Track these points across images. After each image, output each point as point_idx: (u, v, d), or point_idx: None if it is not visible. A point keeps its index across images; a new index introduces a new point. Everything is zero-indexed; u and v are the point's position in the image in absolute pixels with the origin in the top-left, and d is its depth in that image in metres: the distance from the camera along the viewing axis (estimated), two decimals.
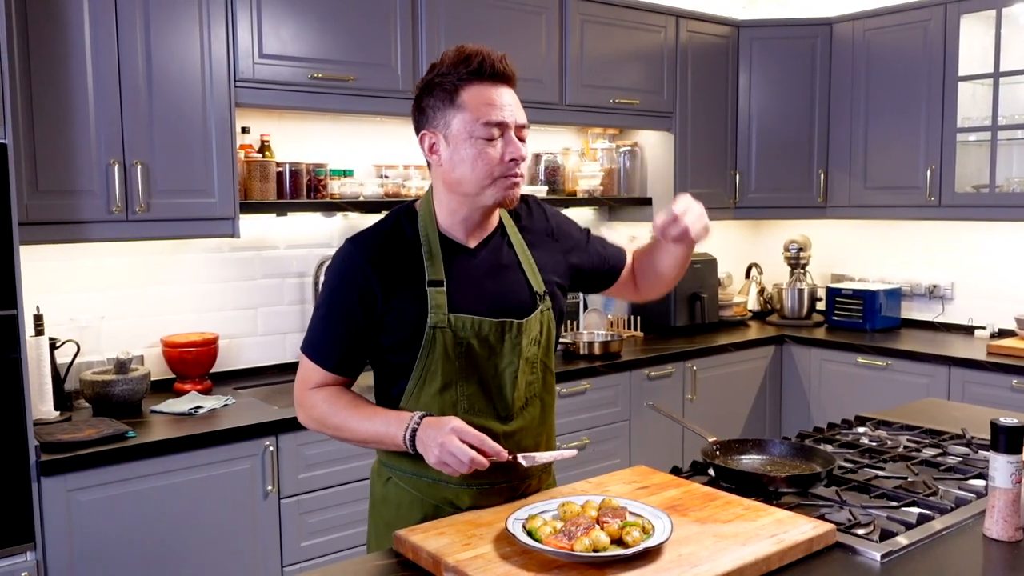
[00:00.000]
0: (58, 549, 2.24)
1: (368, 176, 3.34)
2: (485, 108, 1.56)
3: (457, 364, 1.60)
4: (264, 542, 2.58)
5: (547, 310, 1.70)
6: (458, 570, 1.36)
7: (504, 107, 1.57)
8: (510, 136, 1.58)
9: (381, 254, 1.60)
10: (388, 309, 1.59)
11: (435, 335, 1.58)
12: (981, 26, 3.73)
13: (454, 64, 1.57)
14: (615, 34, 3.70)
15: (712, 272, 4.23)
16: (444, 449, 1.47)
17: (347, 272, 1.60)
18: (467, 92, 1.57)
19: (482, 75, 1.56)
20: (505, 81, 1.59)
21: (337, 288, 1.61)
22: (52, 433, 2.34)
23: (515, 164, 1.59)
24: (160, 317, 2.98)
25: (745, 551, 1.40)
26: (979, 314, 4.04)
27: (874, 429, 2.30)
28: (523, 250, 1.71)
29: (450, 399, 1.61)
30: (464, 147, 1.57)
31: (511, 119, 1.58)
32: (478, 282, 1.64)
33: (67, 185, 2.45)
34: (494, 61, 1.57)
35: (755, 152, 4.22)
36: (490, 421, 1.63)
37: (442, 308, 1.59)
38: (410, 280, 1.60)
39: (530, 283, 1.69)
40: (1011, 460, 1.51)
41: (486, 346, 1.61)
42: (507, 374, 1.63)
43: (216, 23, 2.67)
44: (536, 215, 1.79)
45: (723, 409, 3.92)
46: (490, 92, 1.57)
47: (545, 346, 1.71)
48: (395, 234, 1.64)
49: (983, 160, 3.75)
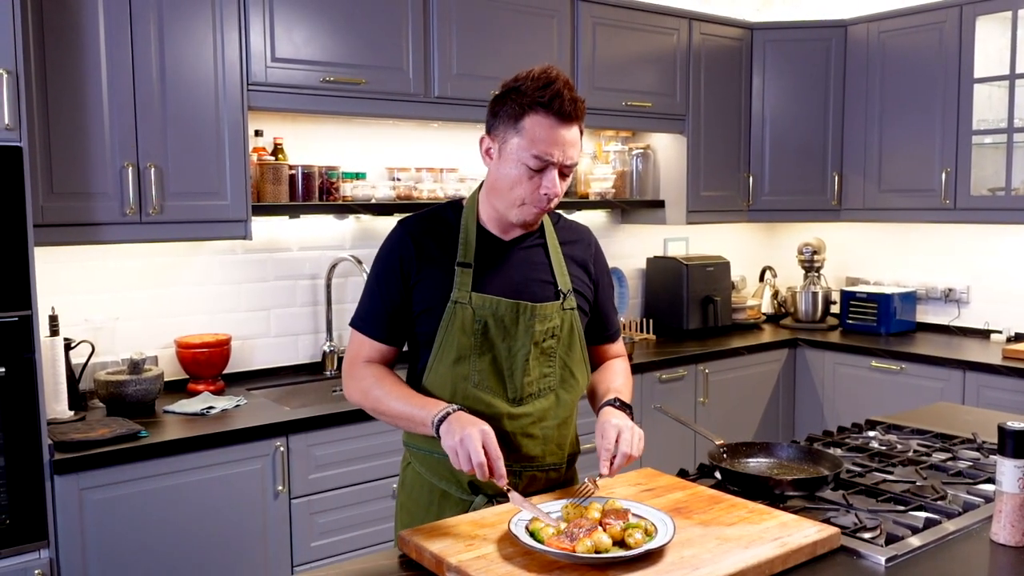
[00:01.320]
0: (71, 547, 2.26)
1: (380, 179, 3.36)
2: (540, 142, 1.62)
3: (472, 340, 1.69)
4: (274, 542, 2.59)
5: (571, 309, 1.77)
6: (460, 570, 1.37)
7: (557, 146, 1.62)
8: (552, 174, 1.65)
9: (422, 232, 1.74)
10: (420, 279, 1.71)
11: (455, 309, 1.68)
12: (997, 27, 3.70)
13: (534, 86, 1.63)
14: (627, 37, 3.70)
15: (725, 275, 4.22)
16: (464, 441, 1.53)
17: (391, 245, 1.75)
18: (532, 119, 1.62)
19: (550, 109, 1.61)
20: (573, 120, 1.64)
21: (381, 260, 1.75)
22: (66, 432, 2.37)
23: (547, 199, 1.66)
24: (174, 318, 3.01)
25: (748, 554, 1.40)
26: (996, 318, 4.00)
27: (884, 433, 2.28)
28: (557, 254, 1.79)
29: (463, 372, 1.70)
30: (511, 166, 1.65)
31: (560, 159, 1.64)
32: (506, 270, 1.73)
33: (82, 187, 2.48)
34: (564, 101, 1.61)
35: (769, 155, 4.21)
36: (498, 400, 1.71)
37: (466, 286, 1.69)
38: (443, 258, 1.72)
39: (556, 280, 1.76)
40: (1018, 464, 1.50)
41: (501, 326, 1.70)
42: (519, 357, 1.71)
43: (229, 27, 2.69)
44: (581, 239, 1.87)
45: (736, 413, 3.90)
46: (552, 127, 1.62)
47: (567, 343, 1.77)
48: (439, 219, 1.77)
49: (999, 163, 3.71)
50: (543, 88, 1.61)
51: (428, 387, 1.73)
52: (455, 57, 3.15)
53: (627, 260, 4.25)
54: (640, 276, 4.31)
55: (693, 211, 4.01)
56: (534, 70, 1.65)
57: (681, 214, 4.00)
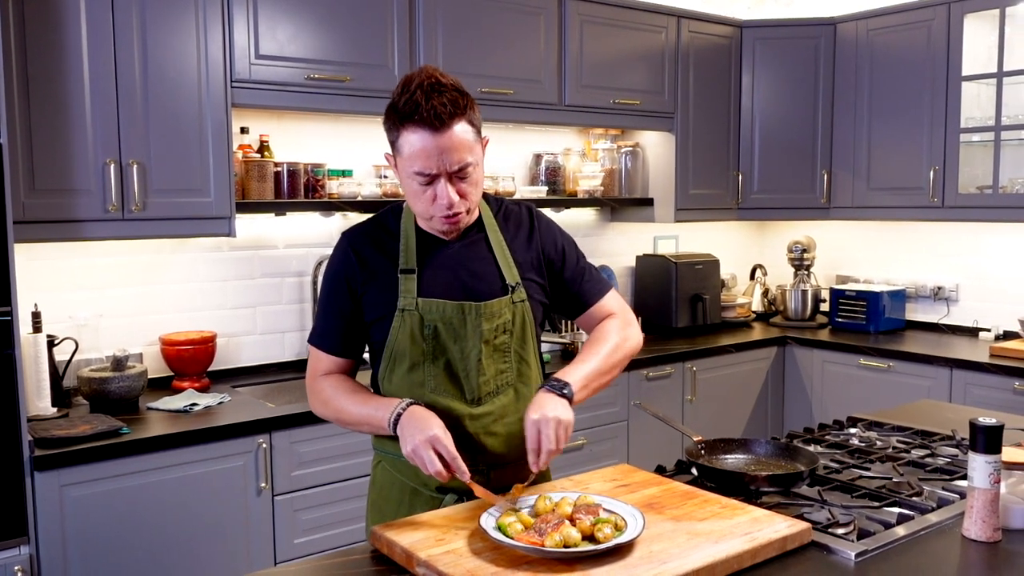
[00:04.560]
0: (51, 543, 2.26)
1: (366, 176, 3.36)
2: (414, 158, 1.56)
3: (424, 346, 1.68)
4: (257, 539, 2.59)
5: (521, 301, 1.73)
6: (429, 564, 1.37)
7: (432, 157, 1.55)
8: (440, 185, 1.58)
9: (364, 241, 1.73)
10: (366, 290, 1.70)
11: (403, 317, 1.68)
12: (985, 26, 3.70)
13: (401, 99, 1.56)
14: (615, 35, 3.69)
15: (715, 273, 4.22)
16: (416, 452, 1.54)
17: (335, 259, 1.75)
18: (404, 136, 1.57)
19: (413, 121, 1.54)
20: (442, 124, 1.53)
21: (330, 274, 1.75)
22: (47, 429, 2.37)
23: (446, 208, 1.60)
24: (159, 315, 3.01)
25: (716, 548, 1.40)
26: (984, 316, 4.01)
27: (865, 430, 2.28)
28: (500, 244, 1.75)
29: (418, 379, 1.69)
30: (406, 183, 1.63)
31: (442, 168, 1.56)
32: (451, 271, 1.71)
33: (63, 184, 2.48)
34: (423, 109, 1.52)
35: (758, 153, 4.21)
36: (456, 403, 1.69)
37: (411, 292, 1.68)
38: (387, 266, 1.70)
39: (502, 274, 1.73)
40: (989, 460, 1.50)
41: (451, 329, 1.68)
42: (472, 357, 1.69)
43: (212, 24, 2.69)
44: (520, 220, 1.80)
45: (723, 410, 3.90)
46: (421, 140, 1.54)
47: (520, 336, 1.74)
48: (380, 226, 1.75)
49: (987, 161, 3.71)
50: (405, 100, 1.54)
51: (387, 395, 1.72)
52: (441, 55, 3.15)
53: (616, 258, 4.25)
54: (629, 274, 4.31)
55: (682, 209, 4.01)
56: (406, 76, 1.59)
57: (670, 212, 4.00)
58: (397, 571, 1.43)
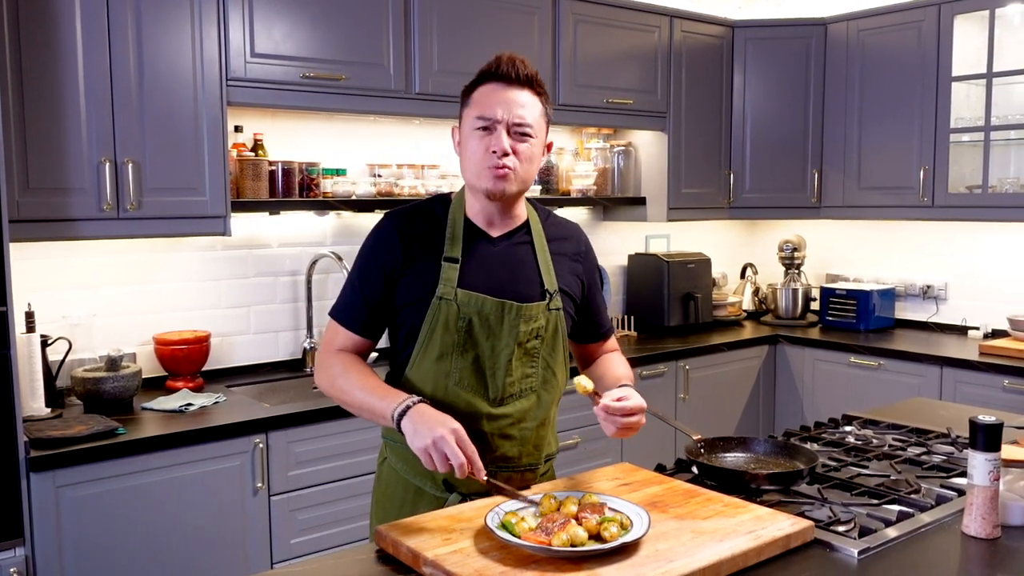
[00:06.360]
0: (47, 545, 2.25)
1: (361, 175, 3.35)
2: (482, 104, 1.66)
3: (456, 337, 1.68)
4: (254, 539, 2.59)
5: (557, 310, 1.75)
6: (436, 564, 1.37)
7: (500, 104, 1.64)
8: (498, 132, 1.65)
9: (409, 225, 1.73)
10: (404, 273, 1.70)
11: (440, 305, 1.67)
12: (975, 27, 3.74)
13: (483, 68, 1.69)
14: (608, 34, 3.70)
15: (706, 272, 4.24)
16: (438, 444, 1.50)
17: (376, 237, 1.74)
18: (479, 90, 1.68)
19: (494, 75, 1.66)
20: (517, 83, 1.66)
21: (366, 252, 1.75)
22: (42, 430, 2.35)
23: (496, 156, 1.64)
24: (153, 315, 2.99)
25: (722, 547, 1.41)
26: (973, 314, 4.04)
27: (860, 428, 2.30)
28: (544, 252, 1.78)
29: (444, 369, 1.69)
30: (466, 140, 1.69)
31: (504, 116, 1.64)
32: (492, 267, 1.71)
33: (58, 183, 2.46)
34: (503, 63, 1.66)
35: (749, 152, 4.23)
36: (478, 400, 1.69)
37: (451, 282, 1.68)
38: (429, 252, 1.70)
39: (543, 280, 1.75)
40: (989, 458, 1.52)
41: (486, 325, 1.68)
42: (502, 356, 1.69)
43: (208, 22, 2.68)
44: (570, 235, 1.86)
45: (716, 409, 3.92)
46: (495, 90, 1.66)
47: (551, 344, 1.76)
48: (427, 212, 1.76)
49: (976, 161, 3.75)
50: (489, 63, 1.68)
51: (410, 382, 1.72)
52: (436, 53, 3.15)
53: (609, 257, 4.26)
54: (621, 273, 4.33)
55: (674, 208, 4.03)
56: None
57: (662, 211, 4.02)
58: (403, 571, 1.43)
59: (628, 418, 1.61)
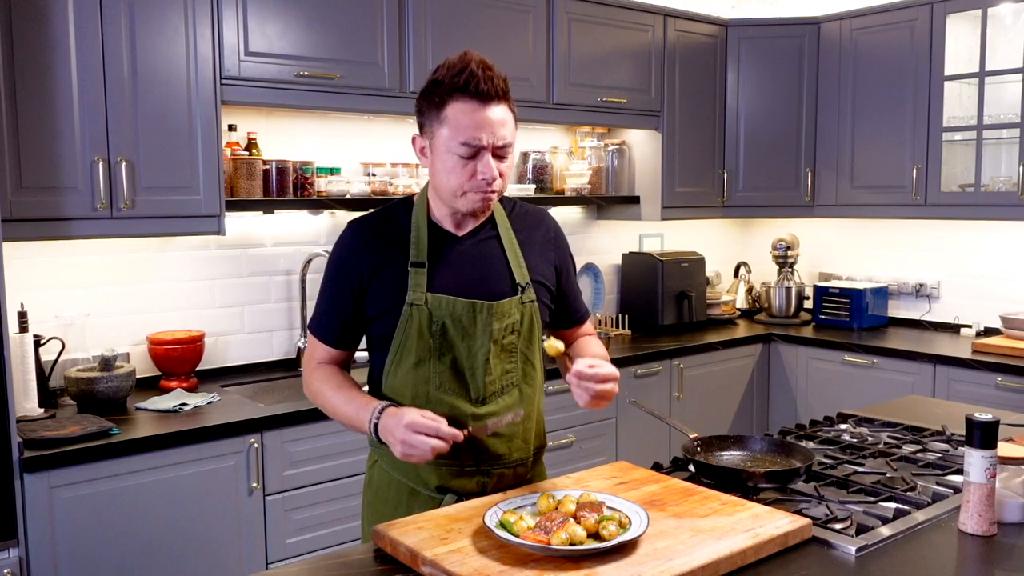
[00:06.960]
0: (41, 546, 2.24)
1: (355, 174, 3.34)
2: (465, 128, 1.59)
3: (431, 342, 1.67)
4: (249, 539, 2.58)
5: (530, 302, 1.74)
6: (435, 564, 1.37)
7: (483, 128, 1.59)
8: (485, 157, 1.61)
9: (371, 234, 1.72)
10: (371, 283, 1.69)
11: (411, 312, 1.66)
12: (967, 26, 3.75)
13: (449, 74, 1.60)
14: (603, 33, 3.70)
15: (700, 271, 4.25)
16: (405, 444, 1.53)
17: (339, 250, 1.73)
18: (452, 107, 1.60)
19: (468, 92, 1.59)
20: (494, 98, 1.60)
21: (332, 264, 1.74)
22: (36, 430, 2.34)
23: (485, 183, 1.62)
24: (146, 315, 2.98)
25: (720, 545, 1.41)
26: (965, 313, 4.06)
27: (855, 426, 2.31)
28: (512, 244, 1.76)
29: (423, 375, 1.68)
30: (444, 158, 1.63)
31: (488, 141, 1.60)
32: (461, 267, 1.70)
33: (51, 182, 2.45)
34: (480, 79, 1.58)
35: (743, 151, 4.23)
36: (461, 401, 1.69)
37: (421, 287, 1.66)
38: (395, 259, 1.69)
39: (513, 274, 1.73)
40: (985, 455, 1.53)
41: (460, 327, 1.67)
42: (479, 356, 1.68)
43: (202, 20, 2.66)
44: (538, 224, 1.83)
45: (710, 407, 3.93)
46: (474, 110, 1.59)
47: (527, 337, 1.74)
48: (389, 219, 1.74)
49: (969, 159, 3.77)
50: (458, 74, 1.58)
51: (388, 391, 1.71)
52: (430, 52, 3.14)
53: (603, 256, 4.26)
54: (615, 272, 4.33)
55: (668, 207, 4.03)
56: (449, 58, 1.63)
57: (656, 210, 4.02)
58: (401, 570, 1.43)
59: (602, 385, 1.60)
